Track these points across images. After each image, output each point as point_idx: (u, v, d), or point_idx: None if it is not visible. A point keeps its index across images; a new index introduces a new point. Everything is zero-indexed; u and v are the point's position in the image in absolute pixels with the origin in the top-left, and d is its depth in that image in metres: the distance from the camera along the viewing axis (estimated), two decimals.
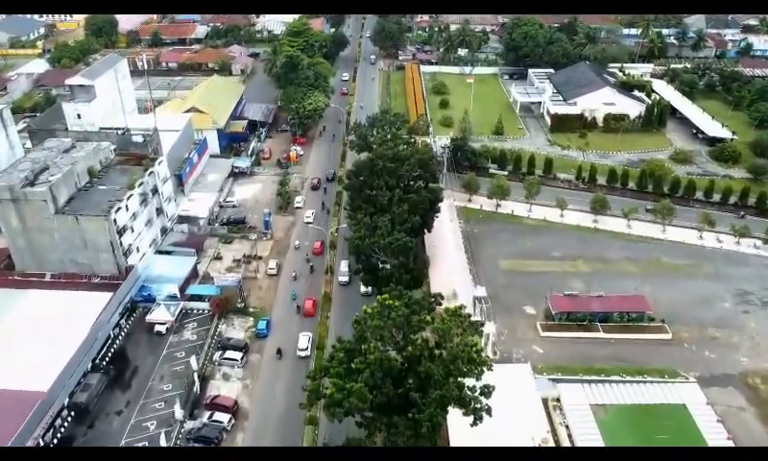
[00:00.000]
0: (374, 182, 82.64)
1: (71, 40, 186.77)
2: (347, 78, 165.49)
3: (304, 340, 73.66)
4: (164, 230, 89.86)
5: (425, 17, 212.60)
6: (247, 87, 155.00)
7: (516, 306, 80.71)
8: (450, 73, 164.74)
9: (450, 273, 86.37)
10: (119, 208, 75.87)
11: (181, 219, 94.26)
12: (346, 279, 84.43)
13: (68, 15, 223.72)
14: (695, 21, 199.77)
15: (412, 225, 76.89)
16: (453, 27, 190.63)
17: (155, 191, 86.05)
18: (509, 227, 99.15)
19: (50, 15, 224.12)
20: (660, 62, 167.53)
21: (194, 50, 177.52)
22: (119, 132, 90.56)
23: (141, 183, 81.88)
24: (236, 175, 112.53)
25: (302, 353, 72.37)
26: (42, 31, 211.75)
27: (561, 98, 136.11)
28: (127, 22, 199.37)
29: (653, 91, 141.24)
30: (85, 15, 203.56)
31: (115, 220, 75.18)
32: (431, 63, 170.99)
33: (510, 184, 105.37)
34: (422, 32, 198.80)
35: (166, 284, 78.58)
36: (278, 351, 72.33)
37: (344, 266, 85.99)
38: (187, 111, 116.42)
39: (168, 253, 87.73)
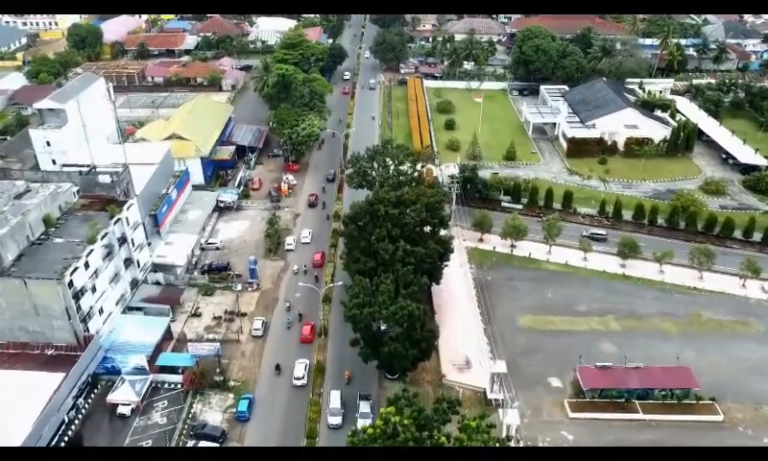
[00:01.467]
0: (375, 232, 71.53)
1: (52, 52, 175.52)
2: (348, 77, 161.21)
3: (301, 368, 68.71)
4: (135, 283, 78.73)
5: (428, 26, 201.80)
6: (236, 105, 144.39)
7: (539, 378, 69.60)
8: (456, 88, 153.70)
9: (462, 334, 75.39)
10: (76, 269, 64.75)
11: (156, 267, 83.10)
12: (337, 420, 63.08)
13: (53, 24, 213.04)
14: (714, 30, 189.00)
15: (419, 286, 65.81)
16: (458, 37, 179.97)
17: (122, 240, 74.90)
18: (526, 273, 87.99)
19: (33, 24, 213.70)
20: (680, 77, 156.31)
21: (182, 63, 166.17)
22: (83, 171, 79.10)
23: (105, 235, 70.74)
24: (221, 209, 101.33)
25: (299, 383, 67.88)
26: (24, 41, 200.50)
27: (577, 119, 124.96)
28: (112, 32, 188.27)
29: (677, 111, 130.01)
30: (69, 24, 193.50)
31: (71, 282, 64.11)
32: (435, 78, 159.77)
33: (525, 220, 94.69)
34: (425, 42, 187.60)
35: (133, 355, 67.33)
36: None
37: (334, 400, 65.01)
38: (168, 138, 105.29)
39: (139, 309, 76.78)
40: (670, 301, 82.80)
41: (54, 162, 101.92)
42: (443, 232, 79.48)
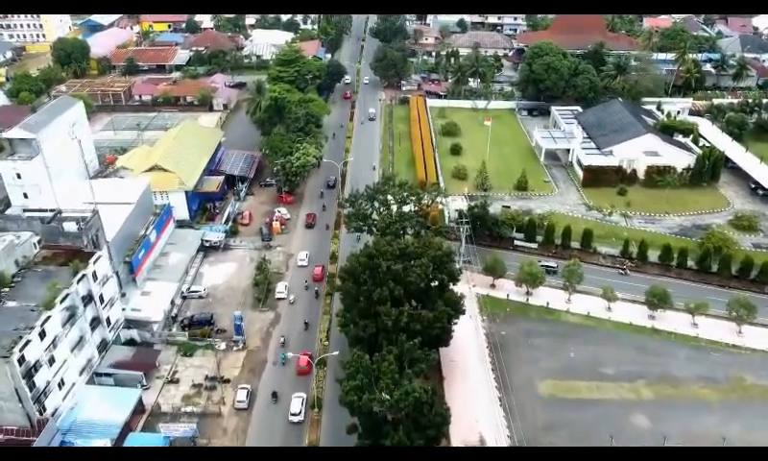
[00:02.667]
0: (376, 291, 62.48)
1: (35, 68, 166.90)
2: (349, 80, 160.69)
3: (297, 403, 64.74)
4: (104, 345, 69.51)
5: (430, 39, 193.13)
6: (228, 126, 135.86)
7: None
8: (461, 108, 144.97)
9: (474, 406, 66.22)
10: (28, 342, 55.65)
11: (130, 323, 74.01)
12: None
13: (40, 37, 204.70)
14: (730, 44, 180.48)
15: (428, 362, 56.77)
16: (462, 51, 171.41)
17: (89, 299, 65.78)
18: (545, 326, 78.84)
19: (20, 36, 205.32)
20: (699, 96, 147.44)
21: (171, 80, 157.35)
22: (45, 218, 69.97)
23: (66, 297, 61.64)
24: (207, 249, 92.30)
25: (295, 419, 63.88)
26: (9, 54, 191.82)
27: (593, 144, 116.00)
28: (100, 46, 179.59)
29: (700, 136, 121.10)
30: (54, 38, 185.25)
31: (22, 358, 55.04)
32: (439, 96, 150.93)
33: (541, 261, 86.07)
34: (428, 57, 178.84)
35: (96, 438, 58.19)
36: None
37: None
38: (149, 170, 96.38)
39: (108, 375, 67.65)
40: (707, 361, 73.66)
41: (26, 196, 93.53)
42: (452, 286, 70.43)
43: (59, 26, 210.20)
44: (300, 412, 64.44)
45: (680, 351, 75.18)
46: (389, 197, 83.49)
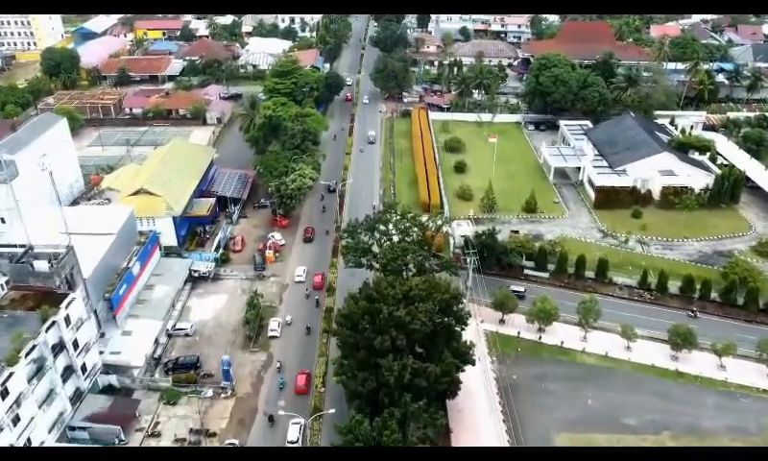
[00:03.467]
0: (377, 340, 56.52)
1: (23, 79, 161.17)
2: (350, 82, 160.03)
3: (295, 430, 61.55)
4: (79, 395, 63.45)
5: (432, 48, 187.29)
6: (221, 142, 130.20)
7: None
8: (464, 121, 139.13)
9: None
10: None
11: (109, 368, 68.00)
12: None
13: (31, 45, 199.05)
14: (741, 53, 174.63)
15: (435, 426, 50.77)
16: (466, 60, 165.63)
17: (60, 348, 59.78)
18: (559, 369, 72.71)
19: (11, 44, 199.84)
20: (712, 109, 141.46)
21: (164, 92, 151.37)
22: (15, 256, 63.92)
23: (32, 348, 55.63)
24: (195, 279, 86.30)
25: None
26: None
27: (604, 163, 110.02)
28: (92, 55, 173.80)
29: (718, 154, 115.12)
30: (47, 45, 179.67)
31: None
32: (442, 109, 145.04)
33: (552, 291, 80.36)
34: (430, 66, 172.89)
35: None
36: None
37: None
38: (135, 194, 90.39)
39: (83, 428, 61.64)
40: (737, 410, 67.59)
41: (2, 221, 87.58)
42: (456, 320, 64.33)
43: (50, 34, 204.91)
44: (298, 440, 61.04)
45: (707, 397, 69.13)
46: (390, 226, 77.42)
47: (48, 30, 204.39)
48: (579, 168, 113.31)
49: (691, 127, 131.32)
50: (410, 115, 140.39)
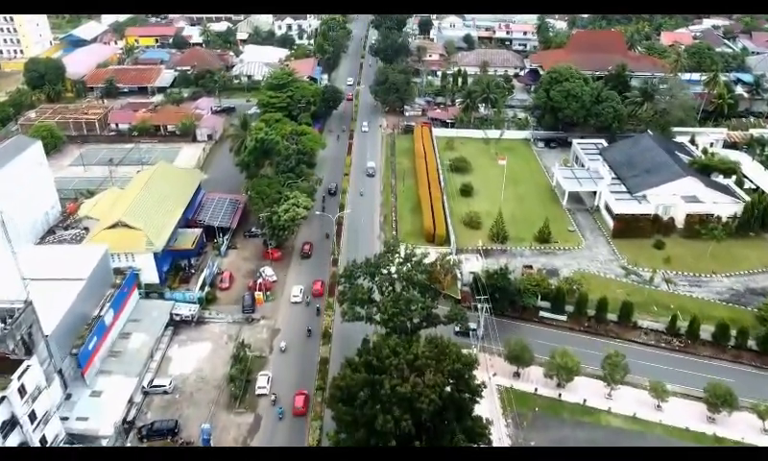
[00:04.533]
0: (378, 420, 48.56)
1: (4, 92, 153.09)
2: (351, 82, 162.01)
3: None
4: None
5: (435, 56, 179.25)
6: (211, 162, 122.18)
7: None
8: (470, 138, 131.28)
9: None
10: None
11: (74, 438, 59.99)
12: None
13: (18, 53, 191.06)
14: (759, 62, 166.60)
15: None
16: (471, 70, 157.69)
17: (12, 426, 51.78)
18: (582, 433, 64.68)
19: None
20: (733, 125, 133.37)
21: (152, 105, 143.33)
22: None
23: None
24: (177, 324, 78.31)
25: None
26: None
27: (623, 188, 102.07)
28: (79, 64, 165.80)
29: (744, 177, 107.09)
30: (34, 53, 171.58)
31: None
32: (445, 124, 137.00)
33: (572, 337, 72.80)
34: (433, 76, 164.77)
35: None
36: None
37: None
38: (112, 227, 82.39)
39: None
40: None
41: None
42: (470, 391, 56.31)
43: (38, 41, 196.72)
44: None
45: None
46: (392, 268, 69.38)
47: (36, 37, 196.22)
48: (594, 192, 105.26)
49: (711, 144, 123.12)
50: (412, 131, 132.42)
